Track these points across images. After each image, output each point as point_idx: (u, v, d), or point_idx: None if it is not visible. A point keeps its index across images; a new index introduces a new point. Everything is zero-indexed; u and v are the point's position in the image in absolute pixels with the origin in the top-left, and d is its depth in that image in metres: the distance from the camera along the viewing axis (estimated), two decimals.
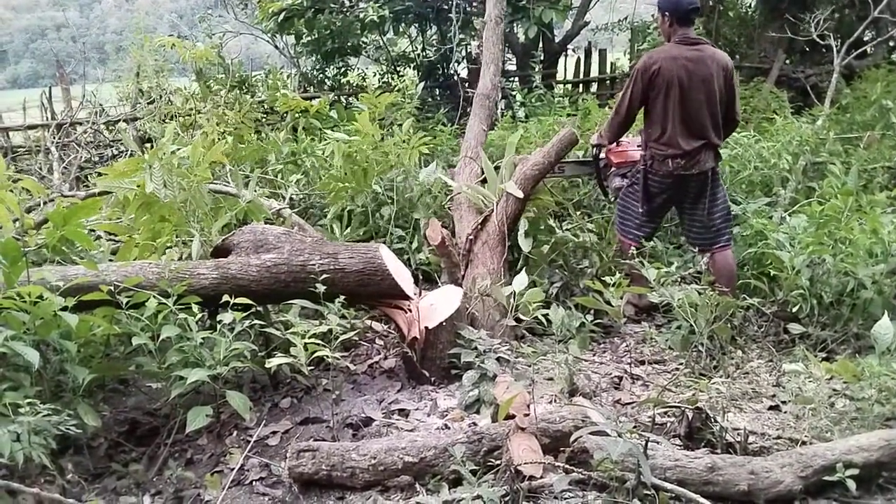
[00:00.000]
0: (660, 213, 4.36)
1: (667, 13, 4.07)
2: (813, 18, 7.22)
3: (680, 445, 2.77)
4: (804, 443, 2.71)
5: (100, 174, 4.36)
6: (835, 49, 6.89)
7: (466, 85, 11.04)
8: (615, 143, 4.52)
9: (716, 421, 2.77)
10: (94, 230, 4.26)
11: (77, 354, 2.85)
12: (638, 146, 4.38)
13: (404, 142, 5.35)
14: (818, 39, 7.21)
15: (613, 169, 4.59)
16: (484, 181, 4.66)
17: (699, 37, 4.12)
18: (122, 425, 3.21)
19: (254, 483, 2.78)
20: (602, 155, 4.62)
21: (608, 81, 11.33)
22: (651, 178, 4.16)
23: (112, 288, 2.90)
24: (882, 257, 3.63)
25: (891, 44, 9.63)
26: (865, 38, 10.27)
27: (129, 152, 7.22)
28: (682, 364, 3.57)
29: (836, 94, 7.35)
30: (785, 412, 3.09)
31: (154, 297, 2.92)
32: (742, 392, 3.25)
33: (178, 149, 4.13)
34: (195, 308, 2.98)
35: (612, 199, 4.72)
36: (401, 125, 5.71)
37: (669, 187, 4.15)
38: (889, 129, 6.34)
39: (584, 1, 10.66)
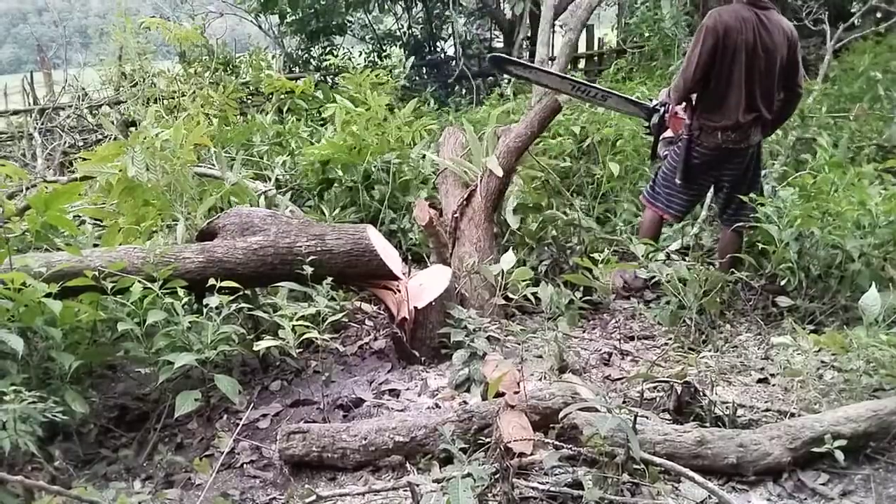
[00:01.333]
0: (695, 190, 4.09)
1: None
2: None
3: (669, 420, 2.78)
4: (793, 415, 2.72)
5: (83, 159, 4.30)
6: (828, 34, 6.85)
7: (453, 63, 10.99)
8: (678, 109, 4.09)
9: (704, 395, 2.78)
10: (78, 215, 4.22)
11: (63, 341, 2.82)
12: None
13: (406, 124, 5.34)
14: (810, 25, 7.16)
15: (666, 135, 4.23)
16: (469, 153, 4.58)
17: (767, 1, 3.79)
18: (111, 411, 3.19)
19: (244, 466, 2.78)
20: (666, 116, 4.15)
21: (596, 58, 11.28)
22: (695, 149, 3.92)
23: (97, 273, 2.87)
24: (870, 229, 3.63)
25: (878, 15, 9.58)
26: (853, 10, 10.26)
27: (112, 136, 7.14)
28: (671, 339, 3.57)
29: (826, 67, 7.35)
30: (773, 385, 3.10)
31: (139, 281, 2.89)
32: (731, 365, 3.26)
33: (161, 132, 4.08)
34: (181, 292, 2.96)
35: (656, 165, 4.43)
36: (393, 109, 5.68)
37: (712, 161, 3.93)
38: (877, 101, 6.34)
39: None
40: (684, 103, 3.98)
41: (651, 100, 4.19)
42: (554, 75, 4.37)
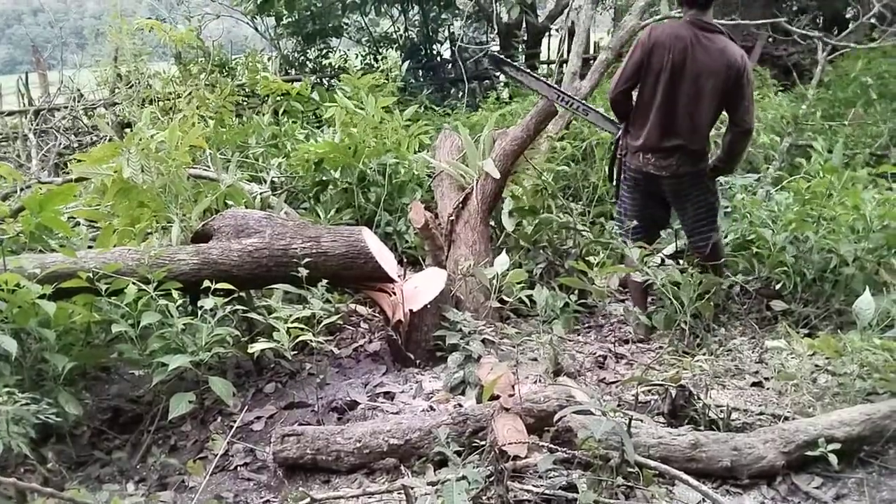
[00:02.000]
0: (643, 209, 3.82)
1: None
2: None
3: (663, 423, 2.78)
4: (787, 418, 2.73)
5: (78, 161, 4.29)
6: (820, 48, 6.88)
7: (450, 66, 11.00)
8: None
9: (699, 398, 2.79)
10: (72, 217, 4.21)
11: (57, 342, 2.82)
12: None
13: (404, 128, 5.34)
14: (799, 40, 7.16)
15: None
16: (465, 156, 4.59)
17: (714, 24, 3.52)
18: (104, 413, 3.19)
19: (238, 468, 2.77)
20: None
21: (591, 61, 11.29)
22: (626, 170, 3.78)
23: (91, 275, 2.86)
24: (864, 233, 3.64)
25: (872, 20, 9.63)
26: (847, 16, 10.31)
27: (107, 138, 7.13)
28: (665, 343, 3.58)
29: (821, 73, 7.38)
30: (768, 388, 3.11)
31: (134, 283, 2.88)
32: (725, 369, 3.27)
33: (156, 133, 4.07)
34: (176, 294, 2.95)
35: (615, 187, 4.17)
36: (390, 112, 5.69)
37: (642, 183, 3.73)
38: (870, 106, 6.36)
39: None
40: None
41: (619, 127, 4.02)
42: (543, 82, 4.39)
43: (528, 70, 4.52)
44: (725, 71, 3.44)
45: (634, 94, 3.70)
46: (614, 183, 3.99)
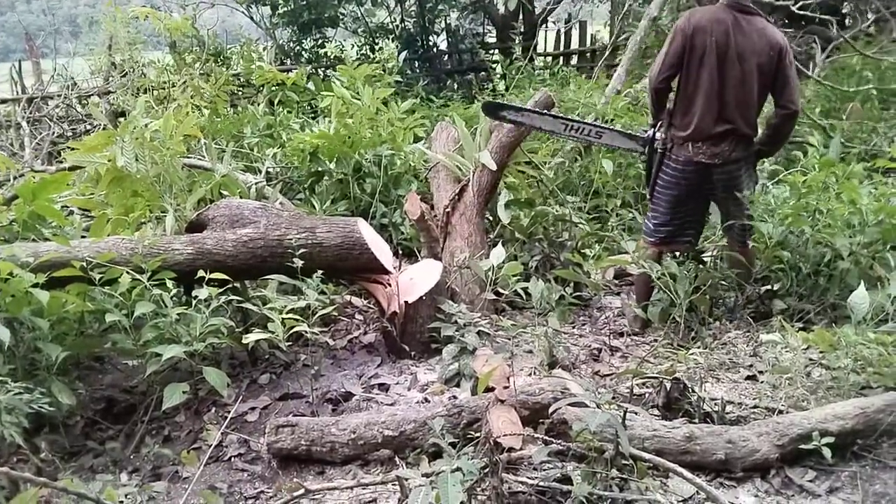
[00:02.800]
0: (683, 211, 3.69)
1: None
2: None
3: (658, 416, 2.78)
4: (781, 412, 2.73)
5: (72, 149, 4.27)
6: (818, 53, 6.86)
7: (446, 58, 10.96)
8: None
9: (693, 391, 2.79)
10: (66, 206, 4.18)
11: (50, 332, 2.81)
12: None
13: (400, 119, 5.33)
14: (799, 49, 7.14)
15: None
16: (461, 148, 4.58)
17: (751, 6, 3.47)
18: (98, 403, 3.17)
19: (232, 459, 2.77)
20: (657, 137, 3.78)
21: (588, 54, 11.28)
22: (669, 164, 3.62)
23: (84, 264, 2.84)
24: (859, 228, 3.65)
25: (869, 16, 9.63)
26: (844, 11, 10.31)
27: (101, 126, 7.08)
28: (660, 335, 3.58)
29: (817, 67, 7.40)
30: (762, 382, 3.11)
31: (128, 272, 2.86)
32: (720, 362, 3.27)
33: (151, 122, 4.04)
34: (170, 284, 2.94)
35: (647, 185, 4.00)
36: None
37: (690, 177, 3.58)
38: (868, 101, 6.37)
39: None
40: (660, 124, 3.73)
41: (646, 130, 3.91)
42: (547, 116, 4.24)
43: (527, 108, 4.36)
44: (768, 52, 3.41)
45: (674, 84, 3.64)
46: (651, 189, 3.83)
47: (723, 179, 3.56)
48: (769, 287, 3.74)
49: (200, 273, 2.99)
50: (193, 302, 2.96)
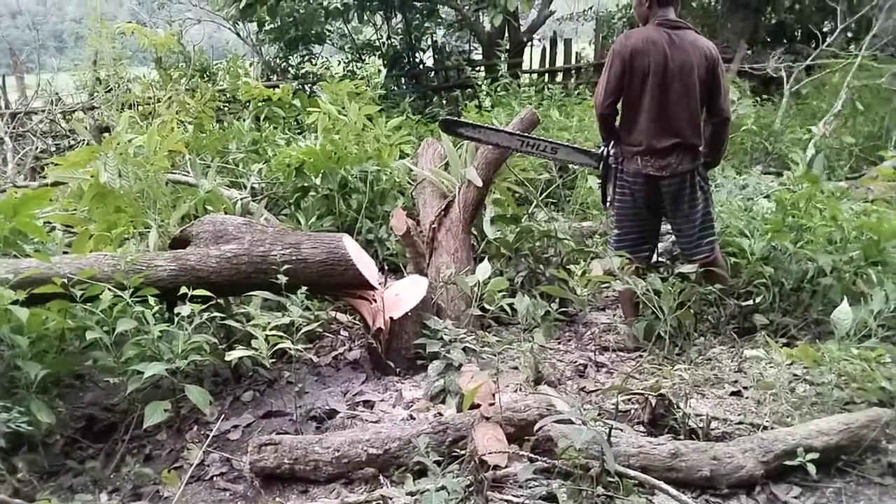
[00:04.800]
0: (639, 225, 3.78)
1: None
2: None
3: (643, 432, 2.78)
4: (765, 428, 2.74)
5: (55, 164, 4.23)
6: (787, 79, 6.95)
7: (432, 74, 11.01)
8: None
9: (679, 407, 2.79)
10: (48, 222, 4.14)
11: (30, 349, 2.77)
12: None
13: (386, 136, 5.34)
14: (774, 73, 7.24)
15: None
16: (447, 165, 4.58)
17: (679, 20, 3.59)
18: (77, 421, 3.13)
19: (214, 478, 2.73)
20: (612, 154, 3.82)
21: (573, 71, 11.36)
22: (621, 178, 3.71)
23: (66, 280, 2.81)
24: (841, 244, 3.68)
25: (849, 34, 9.80)
26: (825, 29, 10.48)
27: (85, 142, 7.05)
28: (645, 351, 3.58)
29: (797, 83, 7.50)
30: (747, 398, 3.12)
31: (109, 289, 2.84)
32: (704, 378, 3.28)
33: (135, 137, 4.02)
34: (152, 301, 2.91)
35: (603, 202, 4.04)
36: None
37: (640, 190, 3.66)
38: (847, 119, 6.46)
39: None
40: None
41: (599, 146, 3.92)
42: (503, 133, 4.28)
43: (483, 125, 4.40)
44: (704, 62, 3.52)
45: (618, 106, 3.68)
46: (608, 203, 3.88)
47: (671, 192, 3.63)
48: (751, 302, 3.75)
49: (184, 289, 2.96)
50: (176, 319, 2.93)
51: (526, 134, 4.33)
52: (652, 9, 3.57)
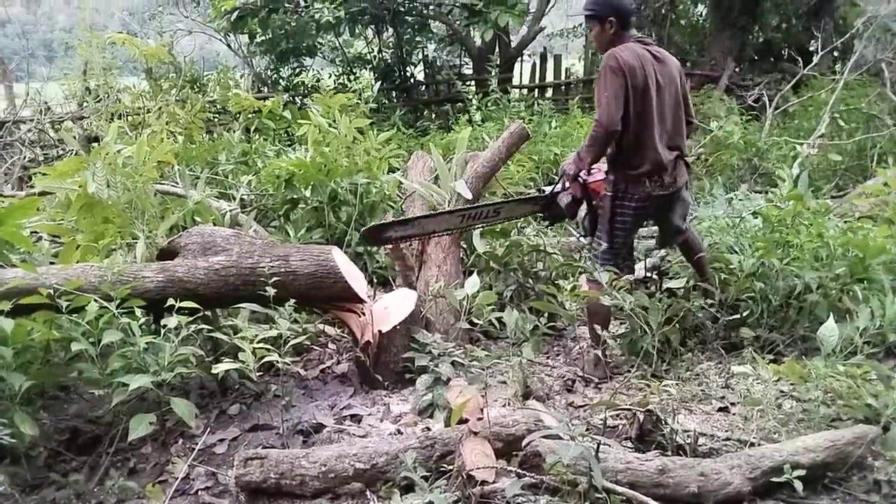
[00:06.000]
0: (632, 237, 3.75)
1: (611, 18, 3.46)
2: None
3: (631, 448, 2.78)
4: (752, 444, 2.74)
5: (42, 174, 4.21)
6: (769, 101, 7.03)
7: (423, 88, 11.05)
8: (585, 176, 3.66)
9: (666, 423, 2.79)
10: (35, 231, 4.11)
11: (14, 360, 2.73)
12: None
13: (377, 149, 5.35)
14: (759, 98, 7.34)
15: (567, 195, 3.76)
16: (437, 178, 4.59)
17: (647, 38, 3.67)
18: (62, 434, 3.09)
19: (199, 493, 2.70)
20: (575, 185, 3.68)
21: (563, 87, 11.44)
22: (624, 205, 3.53)
23: (52, 291, 2.79)
24: (827, 261, 3.71)
25: (835, 54, 9.92)
26: (811, 48, 10.60)
27: (74, 151, 7.01)
28: (632, 367, 3.59)
29: (783, 101, 7.58)
30: (734, 414, 3.12)
31: (95, 300, 2.81)
32: (692, 394, 3.28)
33: (123, 148, 4.01)
34: (139, 312, 2.89)
35: (587, 234, 3.80)
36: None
37: (643, 211, 3.58)
38: (834, 137, 6.54)
39: (539, 6, 10.76)
40: (594, 165, 3.60)
41: (542, 189, 3.83)
42: (438, 216, 3.99)
43: (412, 217, 4.03)
44: (679, 73, 3.62)
45: None
46: (596, 233, 3.69)
47: (670, 203, 3.67)
48: (738, 315, 3.77)
49: (171, 301, 2.94)
50: (163, 331, 2.91)
51: (463, 207, 4.09)
52: (618, 32, 3.48)
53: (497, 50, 10.78)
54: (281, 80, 10.35)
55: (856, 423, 2.74)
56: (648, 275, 4.18)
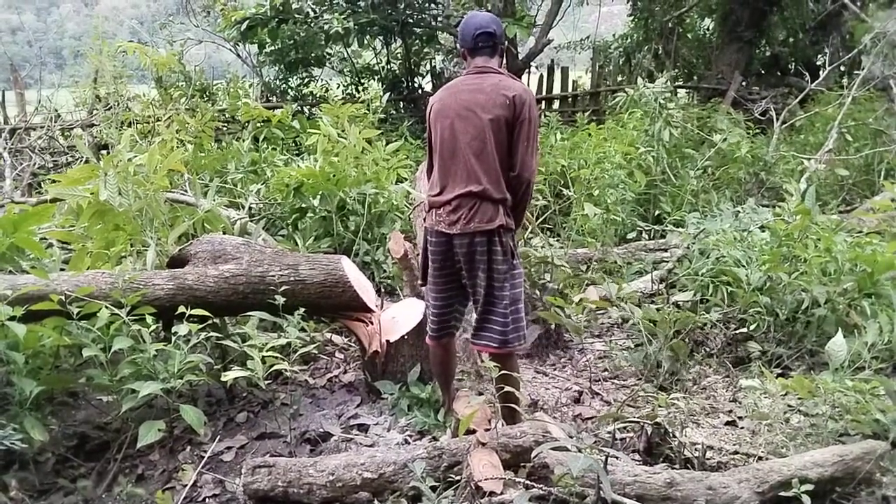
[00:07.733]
0: (443, 296, 3.04)
1: (460, 47, 3.10)
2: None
3: (639, 461, 2.78)
4: (760, 458, 2.74)
5: (53, 181, 4.24)
6: (776, 115, 7.05)
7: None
8: None
9: (674, 436, 2.79)
10: (46, 238, 4.14)
11: (25, 366, 2.76)
12: None
13: (385, 159, 5.37)
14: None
15: None
16: None
17: (490, 66, 2.99)
18: (70, 440, 3.10)
19: (207, 500, 2.71)
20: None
21: (570, 99, 11.47)
22: (427, 240, 3.04)
23: (63, 298, 2.81)
24: (835, 276, 3.71)
25: (842, 69, 9.93)
26: (818, 63, 10.62)
27: (83, 159, 7.05)
28: (640, 379, 3.59)
29: (790, 115, 7.59)
30: (742, 427, 3.12)
31: (106, 307, 2.83)
32: (700, 407, 3.28)
33: (135, 156, 4.04)
34: (149, 319, 2.90)
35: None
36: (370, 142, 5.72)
37: (437, 252, 2.96)
38: (841, 152, 6.54)
39: (547, 19, 10.80)
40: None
41: None
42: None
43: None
44: (508, 102, 2.91)
45: None
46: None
47: (466, 255, 2.92)
48: (745, 329, 3.77)
49: (181, 309, 2.96)
50: (172, 338, 2.93)
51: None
52: (468, 59, 3.06)
53: (504, 62, 10.82)
54: (290, 90, 10.39)
55: (864, 439, 2.74)
56: (657, 287, 4.18)
